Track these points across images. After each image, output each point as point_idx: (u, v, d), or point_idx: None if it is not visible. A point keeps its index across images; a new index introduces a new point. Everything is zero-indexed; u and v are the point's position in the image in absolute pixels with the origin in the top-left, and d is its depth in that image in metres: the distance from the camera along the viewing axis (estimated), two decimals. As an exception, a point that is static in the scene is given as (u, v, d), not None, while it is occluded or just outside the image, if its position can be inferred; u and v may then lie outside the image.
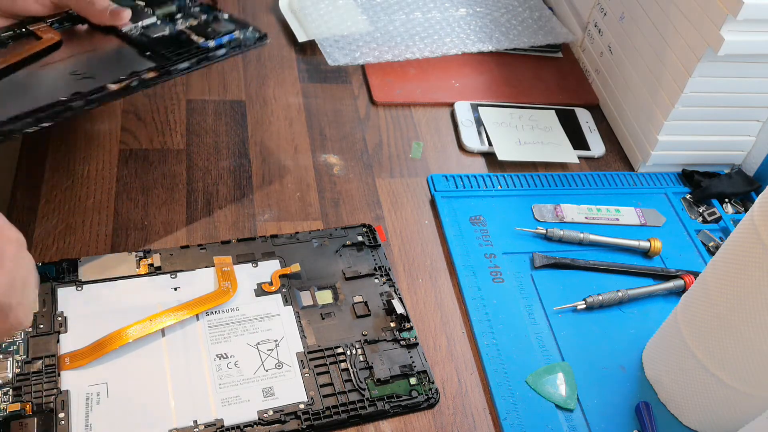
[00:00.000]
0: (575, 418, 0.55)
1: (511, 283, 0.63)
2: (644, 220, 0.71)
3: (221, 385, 0.52)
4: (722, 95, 0.70)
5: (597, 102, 0.84)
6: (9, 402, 0.49)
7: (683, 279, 0.64)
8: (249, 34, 0.64)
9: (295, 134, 0.74)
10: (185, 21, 0.67)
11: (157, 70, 0.59)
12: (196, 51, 0.62)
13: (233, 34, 0.64)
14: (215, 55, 0.62)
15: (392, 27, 0.85)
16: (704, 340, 0.52)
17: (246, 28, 0.65)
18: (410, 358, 0.56)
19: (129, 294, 0.56)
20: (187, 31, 0.65)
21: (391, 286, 0.61)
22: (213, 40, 0.63)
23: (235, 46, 0.63)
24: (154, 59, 0.61)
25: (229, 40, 0.64)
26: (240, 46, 0.63)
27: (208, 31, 0.65)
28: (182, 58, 0.60)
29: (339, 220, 0.67)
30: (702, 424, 0.55)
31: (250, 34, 0.64)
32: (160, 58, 0.61)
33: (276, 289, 0.59)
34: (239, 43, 0.63)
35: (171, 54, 0.61)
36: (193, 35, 0.64)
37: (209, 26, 0.66)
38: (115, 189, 0.65)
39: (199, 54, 0.61)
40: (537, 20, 0.90)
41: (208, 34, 0.64)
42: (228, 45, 0.63)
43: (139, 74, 0.58)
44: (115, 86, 0.57)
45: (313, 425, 0.51)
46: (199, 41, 0.63)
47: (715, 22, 0.63)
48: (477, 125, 0.77)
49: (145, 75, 0.59)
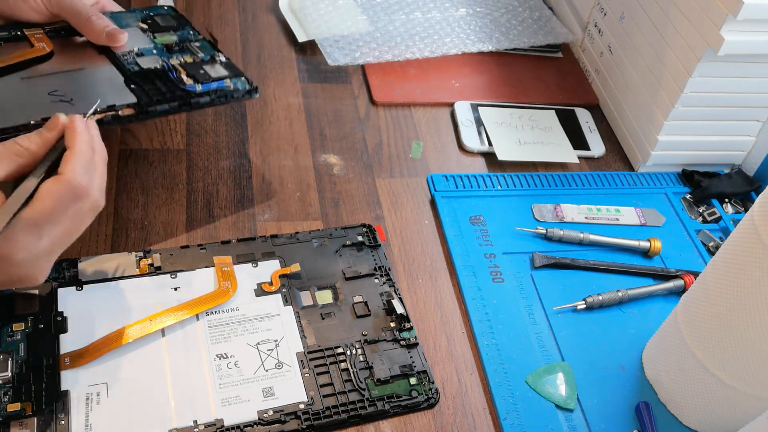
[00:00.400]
0: (575, 418, 0.55)
1: (511, 283, 0.63)
2: (644, 220, 0.71)
3: (221, 385, 0.52)
4: (722, 95, 0.70)
5: (597, 102, 0.84)
6: (9, 402, 0.49)
7: (683, 279, 0.64)
8: (240, 84, 0.63)
9: (295, 134, 0.74)
10: (181, 56, 0.65)
11: (135, 108, 0.58)
12: (179, 94, 0.60)
13: (223, 82, 0.63)
14: (198, 102, 0.60)
15: (392, 27, 0.85)
16: (704, 340, 0.52)
17: (239, 77, 0.64)
18: (410, 358, 0.56)
19: (129, 294, 0.56)
20: (179, 68, 0.63)
21: (391, 286, 0.61)
22: (201, 84, 0.62)
23: (221, 95, 0.61)
24: (136, 94, 0.60)
25: (218, 88, 0.62)
26: (227, 97, 0.62)
27: (199, 73, 0.63)
28: (163, 100, 0.59)
29: (339, 220, 0.67)
30: (702, 424, 0.55)
31: (241, 85, 0.63)
32: (142, 94, 0.59)
33: (276, 289, 0.59)
34: (227, 93, 0.62)
35: (153, 93, 0.60)
36: (183, 74, 0.63)
37: (202, 67, 0.64)
38: (115, 189, 0.65)
39: (181, 98, 0.60)
40: (537, 20, 0.90)
41: (198, 77, 0.63)
42: (214, 93, 0.61)
43: (115, 109, 0.57)
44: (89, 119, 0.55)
45: (313, 425, 0.51)
46: (187, 82, 0.62)
47: (715, 22, 0.63)
48: (477, 125, 0.77)
49: (122, 111, 0.57)
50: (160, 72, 0.63)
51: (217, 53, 0.67)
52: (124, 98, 0.59)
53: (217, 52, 0.67)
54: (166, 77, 0.62)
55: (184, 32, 0.70)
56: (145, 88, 0.60)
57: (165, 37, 0.68)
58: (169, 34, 0.69)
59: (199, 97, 0.60)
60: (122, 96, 0.59)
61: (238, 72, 0.64)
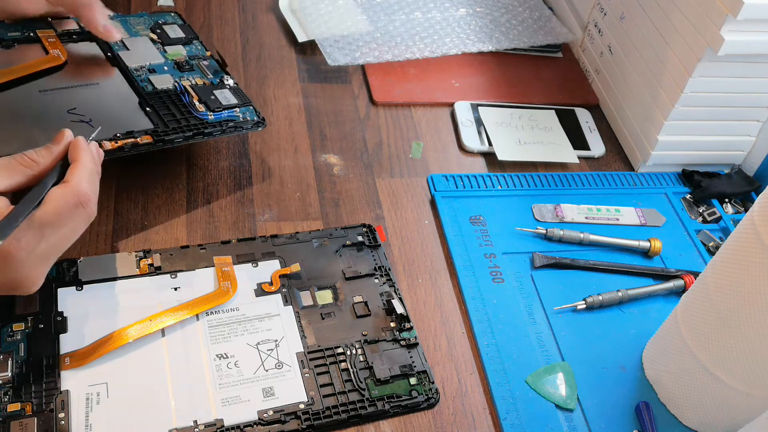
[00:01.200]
0: (575, 418, 0.55)
1: (511, 283, 0.63)
2: (644, 220, 0.71)
3: (221, 385, 0.52)
4: (722, 95, 0.70)
5: (597, 102, 0.84)
6: (9, 402, 0.49)
7: (683, 279, 0.65)
8: (249, 115, 0.65)
9: (295, 134, 0.74)
10: (191, 76, 0.67)
11: (152, 136, 0.60)
12: (194, 123, 0.62)
13: (233, 111, 0.65)
14: (210, 133, 0.62)
15: (392, 27, 0.85)
16: (704, 340, 0.52)
17: (247, 106, 0.66)
18: (410, 358, 0.56)
19: (129, 294, 0.56)
20: (191, 91, 0.65)
21: (391, 286, 0.61)
22: (213, 112, 0.64)
23: (232, 126, 0.64)
24: (152, 120, 0.62)
25: (228, 117, 0.64)
26: (236, 129, 0.64)
27: (210, 99, 0.65)
28: (179, 130, 0.61)
29: (339, 220, 0.67)
30: (702, 424, 0.55)
31: (250, 115, 0.65)
32: (158, 121, 0.62)
33: (276, 289, 0.59)
34: (236, 125, 0.64)
35: (169, 120, 0.62)
36: (195, 99, 0.65)
37: (212, 93, 0.66)
38: (115, 189, 0.65)
39: (195, 128, 0.62)
40: (537, 20, 0.90)
41: (209, 103, 0.65)
42: (226, 124, 0.63)
43: (134, 136, 0.59)
44: (109, 144, 0.58)
45: (313, 425, 0.51)
46: (199, 109, 0.64)
47: (715, 22, 0.63)
48: (477, 125, 0.77)
49: (140, 138, 0.59)
50: (173, 95, 0.65)
51: (225, 75, 0.69)
52: (140, 123, 0.61)
53: (226, 75, 0.69)
54: (180, 102, 0.64)
55: (192, 47, 0.71)
56: (160, 114, 0.62)
57: (175, 52, 0.70)
58: (178, 48, 0.71)
59: (212, 128, 0.63)
60: (138, 120, 0.62)
61: (246, 100, 0.67)
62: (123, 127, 0.60)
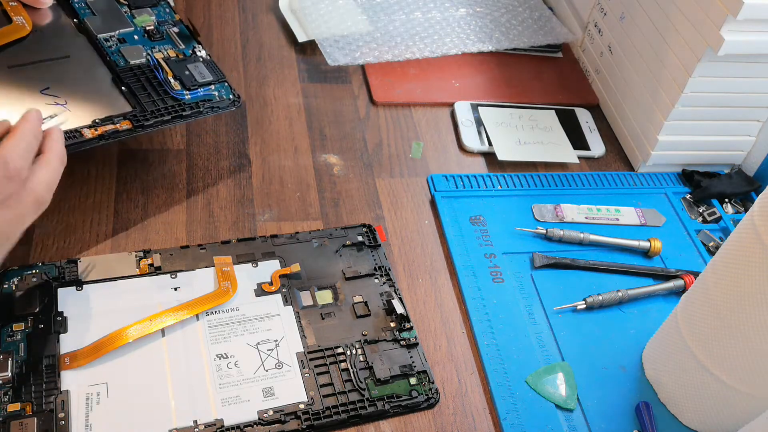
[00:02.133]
0: (575, 418, 0.55)
1: (511, 283, 0.63)
2: (644, 220, 0.71)
3: (221, 385, 0.52)
4: (722, 95, 0.70)
5: (597, 102, 0.84)
6: (9, 402, 0.49)
7: (683, 279, 0.64)
8: (224, 92, 0.64)
9: (295, 134, 0.74)
10: (163, 47, 0.65)
11: (131, 122, 0.58)
12: (172, 105, 0.60)
13: (209, 89, 0.63)
14: (189, 116, 0.61)
15: (392, 27, 0.85)
16: (704, 340, 0.52)
17: (222, 83, 0.64)
18: (410, 358, 0.56)
19: (129, 294, 0.56)
20: (165, 66, 0.63)
21: (391, 286, 0.61)
22: (189, 90, 0.62)
23: (209, 107, 0.62)
24: (128, 101, 0.59)
25: (205, 97, 0.62)
26: (213, 109, 0.62)
27: (185, 75, 0.63)
28: (157, 114, 0.60)
29: (339, 220, 0.67)
30: (702, 424, 0.55)
31: (225, 93, 0.64)
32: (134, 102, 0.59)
33: (276, 289, 0.59)
34: (213, 105, 0.62)
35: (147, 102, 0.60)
36: (170, 75, 0.62)
37: (186, 67, 0.64)
38: (115, 189, 0.65)
39: (173, 111, 0.60)
40: (537, 20, 0.90)
41: (185, 80, 0.63)
42: (203, 105, 0.62)
43: (113, 121, 0.57)
44: (89, 132, 0.56)
45: (313, 425, 0.51)
46: (175, 87, 0.62)
47: (715, 22, 0.63)
48: (477, 125, 0.77)
49: (119, 124, 0.57)
50: (146, 70, 0.63)
51: (196, 45, 0.67)
52: (117, 104, 0.59)
53: (197, 45, 0.67)
54: (155, 79, 0.62)
55: (159, 10, 0.69)
56: (136, 94, 0.60)
57: (144, 17, 0.67)
58: (147, 12, 0.68)
59: (190, 109, 0.61)
60: (114, 101, 0.59)
61: (220, 75, 0.65)
62: (99, 111, 0.57)
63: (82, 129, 0.55)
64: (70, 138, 0.55)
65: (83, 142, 0.55)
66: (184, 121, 0.61)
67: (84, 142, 0.55)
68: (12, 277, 0.56)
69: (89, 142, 0.56)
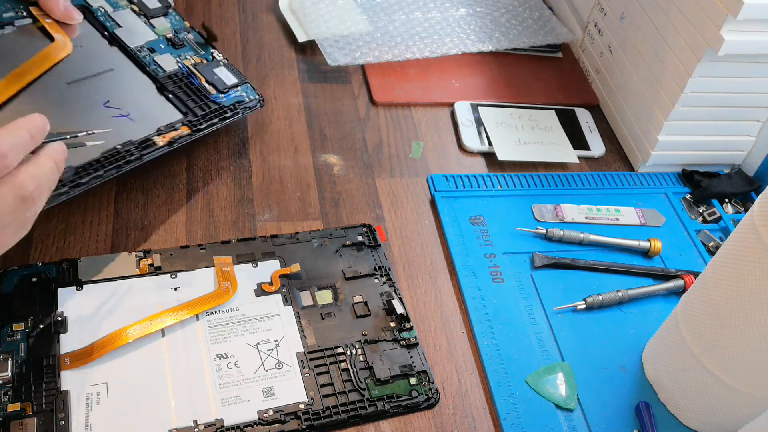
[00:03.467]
0: (575, 418, 0.55)
1: (511, 283, 0.63)
2: (644, 220, 0.71)
3: (221, 385, 0.52)
4: (722, 95, 0.70)
5: (597, 102, 0.84)
6: (9, 402, 0.49)
7: (683, 279, 0.65)
8: (251, 93, 0.68)
9: (295, 134, 0.74)
10: (187, 54, 0.68)
11: (189, 127, 0.62)
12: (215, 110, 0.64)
13: (237, 91, 0.67)
14: (230, 117, 0.65)
15: (392, 27, 0.85)
16: (704, 340, 0.52)
17: (245, 84, 0.68)
18: (410, 358, 0.56)
19: (129, 294, 0.56)
20: (197, 72, 0.66)
21: (391, 286, 0.61)
22: (223, 94, 0.66)
23: (243, 107, 0.66)
24: (178, 108, 0.63)
25: (237, 99, 0.66)
26: (246, 109, 0.66)
27: (215, 79, 0.67)
28: (207, 118, 0.63)
29: (339, 220, 0.67)
30: (702, 424, 0.55)
31: (251, 94, 0.68)
32: (185, 109, 0.63)
33: (276, 289, 0.59)
34: (245, 105, 0.66)
35: (194, 107, 0.63)
36: (203, 80, 0.66)
37: (213, 72, 0.68)
38: (115, 189, 0.65)
39: (219, 114, 0.64)
40: (537, 20, 0.90)
41: (217, 84, 0.67)
42: (238, 106, 0.65)
43: (174, 128, 0.61)
44: (160, 140, 0.59)
45: (313, 425, 0.51)
46: (211, 91, 0.66)
47: (715, 22, 0.63)
48: (477, 125, 0.77)
49: (180, 129, 0.61)
50: (183, 77, 0.66)
51: (212, 50, 0.70)
52: (169, 112, 0.63)
53: (213, 49, 0.70)
54: (192, 85, 0.66)
55: (171, 18, 0.72)
56: (185, 102, 0.64)
57: (162, 26, 0.70)
58: (162, 20, 0.71)
59: (231, 111, 0.65)
60: (166, 109, 0.63)
61: (241, 77, 0.68)
62: (156, 118, 0.61)
63: (152, 137, 0.59)
64: (146, 147, 0.59)
65: (157, 149, 0.59)
66: (226, 122, 0.65)
67: (158, 149, 0.59)
68: (12, 277, 0.56)
69: (161, 149, 0.59)
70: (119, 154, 0.57)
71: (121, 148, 0.57)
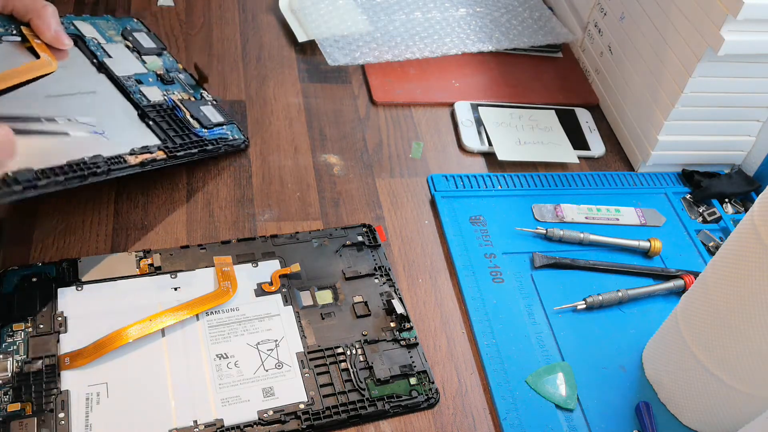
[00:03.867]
0: (575, 418, 0.55)
1: (511, 283, 0.63)
2: (644, 220, 0.71)
3: (221, 385, 0.52)
4: (722, 95, 0.70)
5: (597, 102, 0.84)
6: (9, 402, 0.49)
7: (683, 279, 0.65)
8: (235, 133, 0.69)
9: (295, 134, 0.74)
10: (174, 90, 0.69)
11: (165, 152, 0.61)
12: (196, 141, 0.64)
13: (222, 129, 0.68)
14: (212, 151, 0.65)
15: (392, 27, 0.85)
16: (704, 340, 0.52)
17: (231, 125, 0.69)
18: (410, 358, 0.56)
19: (129, 294, 0.56)
20: (182, 107, 0.67)
21: (391, 286, 0.61)
22: (207, 129, 0.66)
23: (226, 144, 0.67)
24: (157, 134, 0.63)
25: (221, 135, 0.67)
26: (229, 146, 0.67)
27: (201, 115, 0.68)
28: (185, 147, 0.63)
29: (339, 220, 0.67)
30: (702, 424, 0.55)
31: (236, 134, 0.69)
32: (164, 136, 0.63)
33: (276, 289, 0.59)
34: (229, 143, 0.67)
35: (174, 136, 0.63)
36: (188, 114, 0.66)
37: (200, 108, 0.68)
38: (115, 189, 0.65)
39: (198, 146, 0.64)
40: (537, 20, 0.90)
41: (201, 120, 0.67)
42: (221, 142, 0.66)
43: (149, 151, 0.60)
44: (132, 159, 0.59)
45: (313, 425, 0.51)
46: (194, 125, 0.66)
47: (715, 22, 0.63)
48: (477, 125, 0.77)
49: (156, 152, 0.60)
50: (168, 109, 0.66)
51: (202, 90, 0.71)
52: (147, 137, 0.62)
53: (202, 89, 0.71)
54: (176, 117, 0.66)
55: (164, 59, 0.73)
56: (164, 130, 0.64)
57: (154, 63, 0.71)
58: (154, 58, 0.72)
59: (212, 145, 0.65)
60: (143, 134, 0.63)
61: (228, 117, 0.70)
62: (132, 140, 0.60)
63: (124, 155, 0.58)
64: (115, 163, 0.57)
65: (127, 167, 0.58)
66: (207, 155, 0.65)
67: (128, 167, 0.58)
68: (12, 277, 0.56)
69: (132, 168, 0.58)
70: (85, 165, 0.54)
71: (89, 160, 0.55)
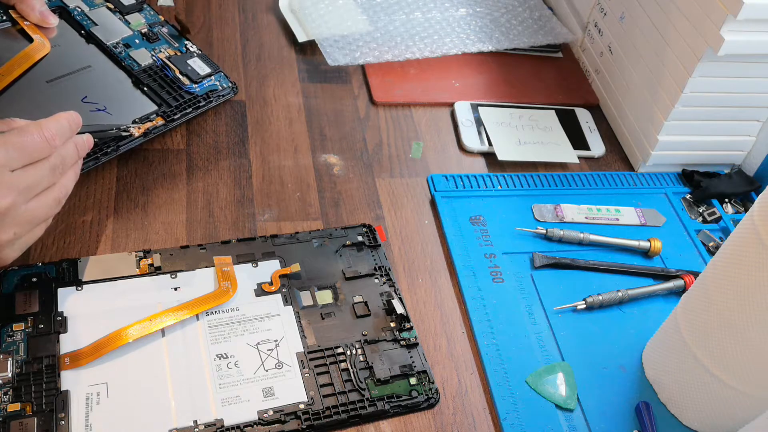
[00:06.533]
0: (575, 418, 0.55)
1: (511, 283, 0.63)
2: (644, 220, 0.71)
3: (221, 385, 0.52)
4: (722, 95, 0.70)
5: (597, 102, 0.84)
6: (9, 402, 0.49)
7: (683, 279, 0.65)
8: (224, 82, 0.71)
9: (295, 134, 0.74)
10: (161, 47, 0.72)
11: (163, 117, 0.65)
12: (189, 100, 0.68)
13: (210, 80, 0.70)
14: (204, 106, 0.69)
15: (392, 27, 0.85)
16: (704, 340, 0.52)
17: (218, 73, 0.71)
18: (410, 358, 0.56)
19: (129, 294, 0.56)
20: (171, 64, 0.70)
21: (391, 286, 0.61)
22: (197, 84, 0.69)
23: (216, 95, 0.70)
24: (153, 100, 0.67)
25: (210, 88, 0.70)
26: (219, 96, 0.70)
27: (189, 70, 0.71)
28: (181, 108, 0.67)
29: (339, 220, 0.67)
30: (702, 424, 0.55)
31: (224, 82, 0.71)
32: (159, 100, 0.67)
33: (276, 289, 0.59)
34: (219, 94, 0.70)
35: (168, 98, 0.67)
36: (177, 72, 0.69)
37: (187, 63, 0.71)
38: (115, 189, 0.65)
39: (192, 104, 0.68)
40: (537, 20, 0.90)
41: (190, 75, 0.70)
42: (212, 94, 0.69)
43: (150, 119, 0.64)
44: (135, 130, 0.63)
45: (313, 425, 0.51)
46: (184, 82, 0.69)
47: (715, 22, 0.63)
48: (477, 125, 0.77)
49: (155, 120, 0.65)
50: (158, 70, 0.69)
51: (186, 42, 0.73)
52: (145, 104, 0.67)
53: (186, 41, 0.74)
54: (166, 77, 0.69)
55: (146, 13, 0.75)
56: (159, 94, 0.67)
57: (137, 21, 0.74)
58: (137, 16, 0.75)
59: (204, 100, 0.69)
60: (141, 101, 0.67)
61: (214, 66, 0.72)
62: (134, 111, 0.64)
63: (129, 128, 0.62)
64: (122, 138, 0.63)
65: (135, 140, 0.64)
66: (201, 111, 0.69)
67: (135, 140, 0.64)
68: (12, 277, 0.56)
69: (138, 140, 0.64)
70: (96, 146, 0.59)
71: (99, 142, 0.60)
